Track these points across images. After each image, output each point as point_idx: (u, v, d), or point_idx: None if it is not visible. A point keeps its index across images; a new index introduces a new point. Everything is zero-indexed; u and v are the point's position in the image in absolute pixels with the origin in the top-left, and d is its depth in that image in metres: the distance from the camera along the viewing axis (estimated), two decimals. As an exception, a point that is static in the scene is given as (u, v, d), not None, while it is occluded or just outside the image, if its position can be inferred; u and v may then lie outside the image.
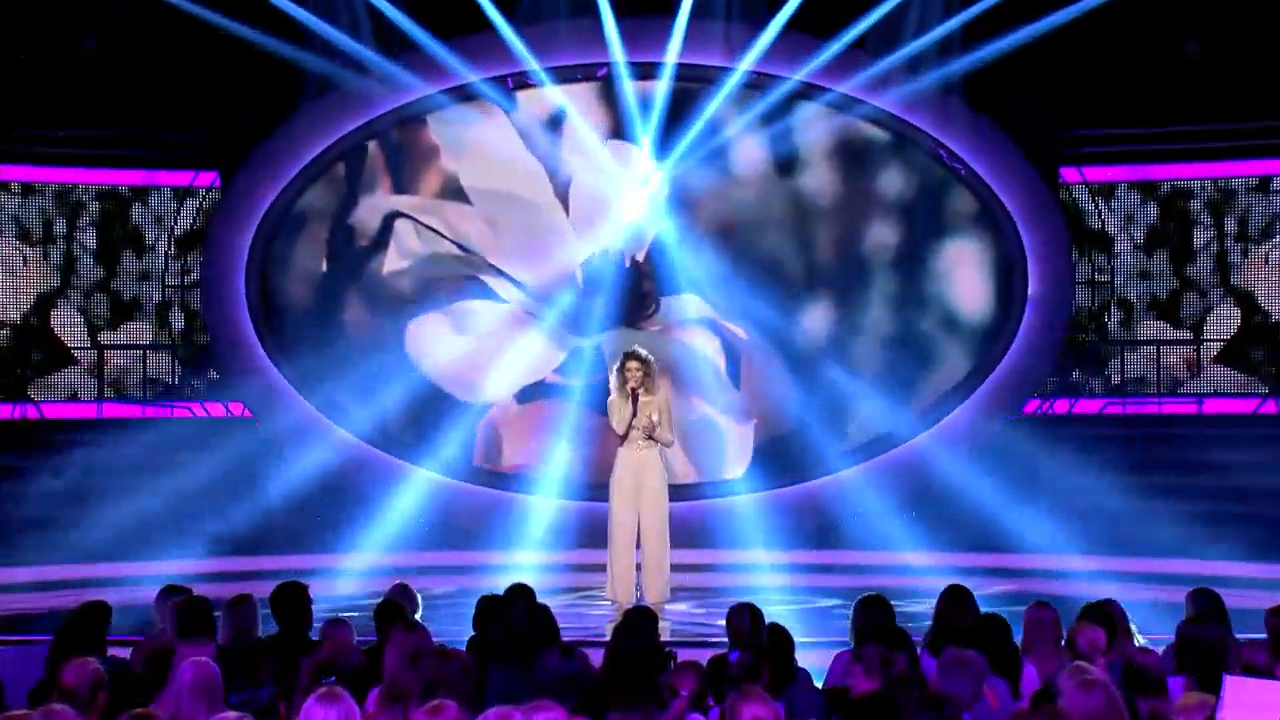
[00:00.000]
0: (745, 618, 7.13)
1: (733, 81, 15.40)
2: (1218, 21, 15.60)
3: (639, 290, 15.63)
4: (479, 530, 14.82)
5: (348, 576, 12.59)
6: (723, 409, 15.63)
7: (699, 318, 15.70)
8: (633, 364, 11.55)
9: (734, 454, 15.64)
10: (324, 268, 15.97)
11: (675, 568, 11.95)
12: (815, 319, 15.74)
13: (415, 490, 15.21)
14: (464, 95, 15.68)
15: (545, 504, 15.16)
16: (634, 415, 11.46)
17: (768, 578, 13.04)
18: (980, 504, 14.58)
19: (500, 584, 8.27)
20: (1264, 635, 6.98)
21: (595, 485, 13.98)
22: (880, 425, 15.63)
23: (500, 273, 15.73)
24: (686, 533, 13.65)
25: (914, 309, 15.78)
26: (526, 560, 13.37)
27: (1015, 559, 13.74)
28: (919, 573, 12.54)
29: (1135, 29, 15.46)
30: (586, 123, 15.67)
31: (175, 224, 16.30)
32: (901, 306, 15.77)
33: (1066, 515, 14.79)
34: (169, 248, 16.31)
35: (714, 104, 15.43)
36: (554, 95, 15.68)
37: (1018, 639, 6.88)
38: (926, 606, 7.61)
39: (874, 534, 14.51)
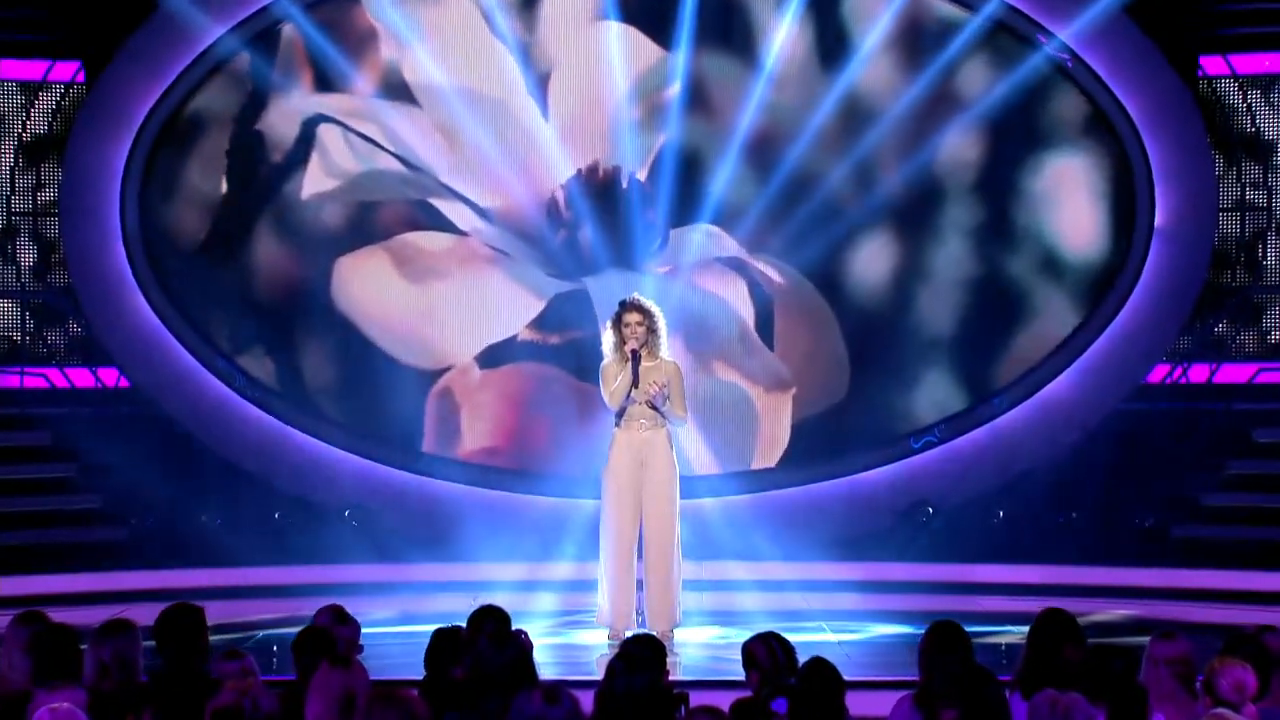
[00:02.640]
0: (774, 650, 7.13)
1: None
2: None
3: (642, 219, 15.62)
4: (429, 537, 14.84)
5: (241, 596, 12.66)
6: (751, 376, 15.65)
7: (720, 256, 15.70)
8: (633, 316, 11.53)
9: (766, 436, 15.66)
10: (224, 188, 15.95)
11: (688, 584, 11.98)
12: (872, 258, 15.72)
13: (345, 484, 15.22)
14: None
15: (518, 501, 15.19)
16: (634, 385, 11.46)
17: (810, 598, 13.07)
18: (1090, 502, 14.60)
19: (459, 607, 8.28)
20: None
21: (583, 478, 13.98)
22: (958, 398, 15.64)
23: (458, 195, 15.72)
24: (704, 540, 13.67)
25: (1002, 246, 15.77)
26: (492, 575, 13.40)
27: (1138, 574, 13.78)
28: (1010, 592, 12.59)
29: None
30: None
31: (24, 128, 16.28)
32: (985, 242, 15.75)
33: (1206, 517, 14.84)
34: (14, 159, 16.29)
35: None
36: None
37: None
38: (1019, 637, 7.64)
39: (951, 540, 14.55)
